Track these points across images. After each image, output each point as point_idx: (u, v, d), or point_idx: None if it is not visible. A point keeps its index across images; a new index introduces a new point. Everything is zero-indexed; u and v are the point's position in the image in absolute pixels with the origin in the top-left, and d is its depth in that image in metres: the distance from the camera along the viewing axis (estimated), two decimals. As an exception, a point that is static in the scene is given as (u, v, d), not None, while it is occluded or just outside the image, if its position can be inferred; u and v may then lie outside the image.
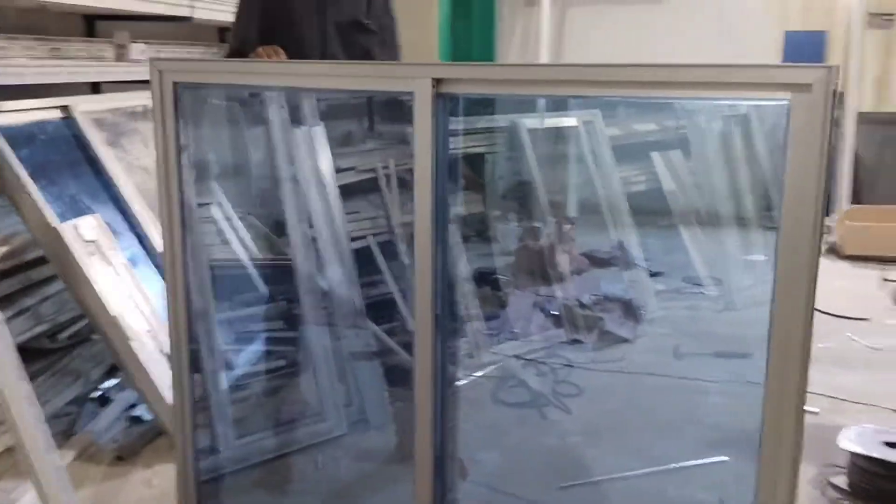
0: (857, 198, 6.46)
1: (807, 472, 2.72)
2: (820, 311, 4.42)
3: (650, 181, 5.05)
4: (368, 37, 3.08)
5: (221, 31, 5.04)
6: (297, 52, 2.86)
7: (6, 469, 2.52)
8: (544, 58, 6.95)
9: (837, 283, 4.86)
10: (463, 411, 3.19)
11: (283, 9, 2.97)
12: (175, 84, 2.00)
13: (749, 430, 3.00)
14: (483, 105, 4.04)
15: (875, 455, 2.49)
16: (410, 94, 1.68)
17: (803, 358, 1.47)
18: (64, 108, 3.18)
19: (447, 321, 1.87)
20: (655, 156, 4.99)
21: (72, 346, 3.15)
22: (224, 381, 2.82)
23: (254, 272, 3.20)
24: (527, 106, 4.29)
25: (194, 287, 2.75)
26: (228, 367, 2.90)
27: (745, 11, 7.04)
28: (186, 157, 2.11)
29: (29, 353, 3.03)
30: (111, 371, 3.16)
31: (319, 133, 3.06)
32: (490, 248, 4.97)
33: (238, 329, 3.13)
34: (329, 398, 2.92)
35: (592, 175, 4.57)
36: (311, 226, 2.98)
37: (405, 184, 3.82)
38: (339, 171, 3.51)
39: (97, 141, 3.23)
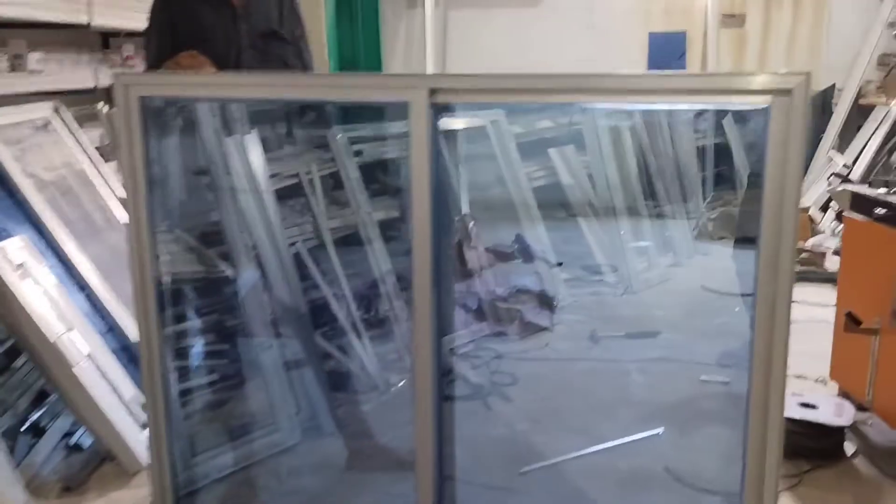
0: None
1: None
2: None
3: (549, 176, 5.27)
4: (283, 46, 3.07)
5: (105, 37, 4.81)
6: (214, 57, 2.81)
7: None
8: (430, 59, 7.10)
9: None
10: (404, 414, 3.26)
11: (191, 23, 2.91)
12: (141, 98, 1.95)
13: (672, 403, 3.30)
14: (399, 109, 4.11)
15: (795, 416, 2.77)
16: (405, 103, 1.73)
17: (784, 351, 1.63)
18: (-34, 123, 2.98)
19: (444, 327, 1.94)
20: (552, 151, 5.23)
21: (-8, 376, 2.96)
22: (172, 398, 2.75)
23: (188, 287, 3.12)
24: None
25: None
26: (176, 383, 2.82)
27: (612, 14, 7.49)
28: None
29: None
30: (39, 397, 2.99)
31: (253, 140, 3.03)
32: (403, 249, 5.03)
33: (178, 345, 3.05)
34: (280, 408, 2.91)
35: (503, 172, 4.73)
36: (250, 234, 2.95)
37: (328, 188, 3.83)
38: (263, 178, 3.48)
39: (6, 157, 3.05)
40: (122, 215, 3.58)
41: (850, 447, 2.81)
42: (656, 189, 5.79)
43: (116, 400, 2.72)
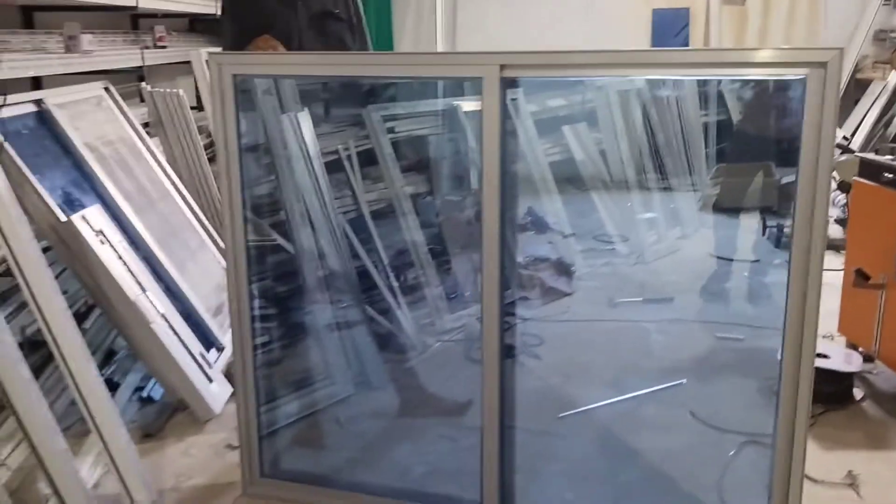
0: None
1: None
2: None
3: (563, 152, 5.51)
4: (339, 25, 3.29)
5: (134, 19, 4.98)
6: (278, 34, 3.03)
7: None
8: (440, 38, 7.30)
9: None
10: (443, 372, 3.51)
11: (257, 9, 3.13)
12: (234, 76, 2.17)
13: (692, 358, 3.56)
14: (428, 89, 4.33)
15: (808, 364, 3.02)
16: (478, 78, 1.96)
17: (816, 307, 1.87)
18: (37, 101, 3.18)
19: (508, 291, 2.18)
20: (566, 129, 5.46)
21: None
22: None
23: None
24: (462, 90, 4.61)
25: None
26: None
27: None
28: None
29: (30, 347, 3.05)
30: (108, 356, 3.23)
31: (305, 117, 3.25)
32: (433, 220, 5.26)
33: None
34: (334, 363, 3.15)
35: (522, 148, 4.96)
36: (305, 204, 3.17)
37: (365, 163, 4.05)
38: (305, 153, 3.70)
39: (72, 133, 3.25)
40: (169, 187, 3.81)
41: (858, 392, 3.08)
42: (664, 163, 6.04)
43: (188, 354, 2.95)
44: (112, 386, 3.10)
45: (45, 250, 2.95)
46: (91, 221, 2.86)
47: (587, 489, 2.57)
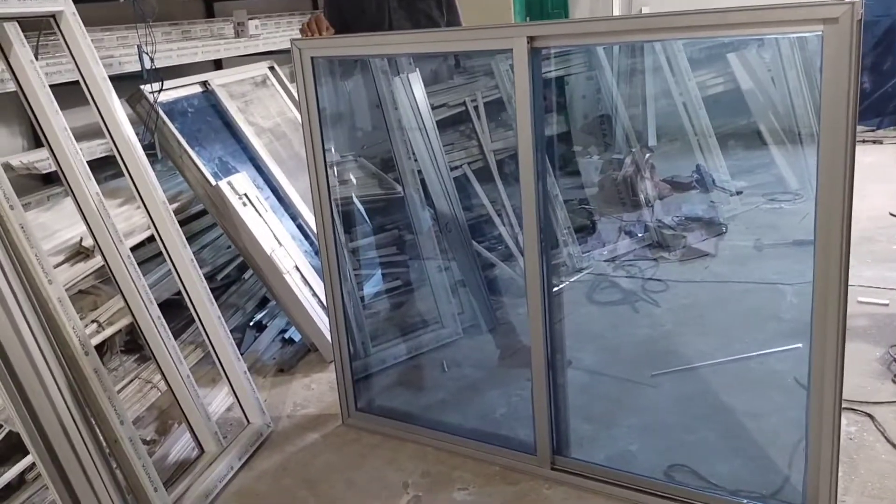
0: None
1: (875, 351, 3.07)
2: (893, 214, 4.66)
3: (728, 82, 5.23)
4: (427, 2, 3.45)
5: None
6: (362, 26, 3.26)
7: (198, 380, 3.12)
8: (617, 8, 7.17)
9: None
10: (560, 313, 3.65)
11: None
12: (312, 59, 2.48)
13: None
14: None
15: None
16: (508, 50, 2.09)
17: (845, 250, 1.82)
18: (203, 83, 3.72)
19: (548, 236, 2.30)
20: (732, 57, 5.18)
21: (227, 285, 3.75)
22: (358, 299, 3.36)
23: (370, 207, 3.71)
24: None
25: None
26: (359, 287, 3.43)
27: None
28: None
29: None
30: (262, 303, 3.75)
31: (416, 78, 3.50)
32: (577, 181, 5.34)
33: (362, 256, 3.66)
34: (445, 308, 3.42)
35: (669, 84, 4.81)
36: (416, 161, 3.43)
37: (492, 113, 4.21)
38: (432, 108, 3.96)
39: (233, 109, 3.77)
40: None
41: None
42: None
43: (318, 303, 3.37)
44: (261, 328, 3.63)
45: (202, 213, 3.52)
46: (236, 186, 3.34)
47: (654, 442, 2.63)
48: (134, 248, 2.98)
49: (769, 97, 5.33)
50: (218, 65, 4.40)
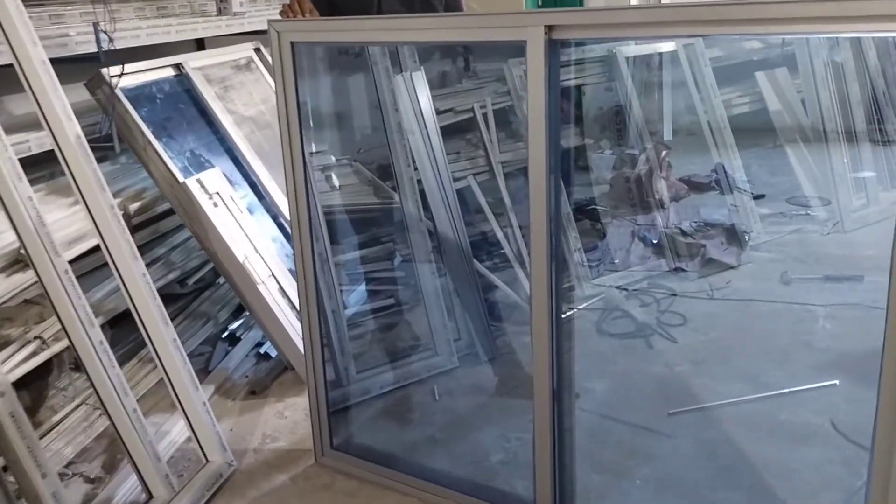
0: None
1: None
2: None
3: (754, 102, 4.89)
4: None
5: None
6: (351, 9, 2.87)
7: (154, 405, 2.77)
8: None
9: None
10: (566, 344, 3.29)
11: None
12: (293, 44, 2.10)
13: (860, 353, 3.02)
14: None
15: None
16: (522, 42, 1.71)
17: None
18: (176, 65, 3.34)
19: (559, 256, 1.93)
20: (760, 75, 4.83)
21: (200, 290, 3.39)
22: (343, 319, 3.00)
23: (362, 216, 3.33)
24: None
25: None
26: (345, 306, 3.07)
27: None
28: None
29: (163, 298, 3.29)
30: (237, 312, 3.39)
31: (420, 78, 3.12)
32: (586, 178, 4.97)
33: (351, 271, 3.29)
34: (440, 333, 3.06)
35: (694, 99, 4.46)
36: (415, 168, 3.06)
37: (502, 122, 3.85)
38: (437, 113, 3.58)
39: (209, 96, 3.38)
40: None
41: None
42: (884, 113, 5.16)
43: (297, 316, 3.01)
44: (234, 340, 3.27)
45: (168, 213, 3.15)
46: (206, 184, 2.97)
47: (675, 500, 2.28)
48: (87, 254, 2.62)
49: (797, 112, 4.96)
50: (201, 46, 4.02)
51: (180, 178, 2.92)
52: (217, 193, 3.00)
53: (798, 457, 2.42)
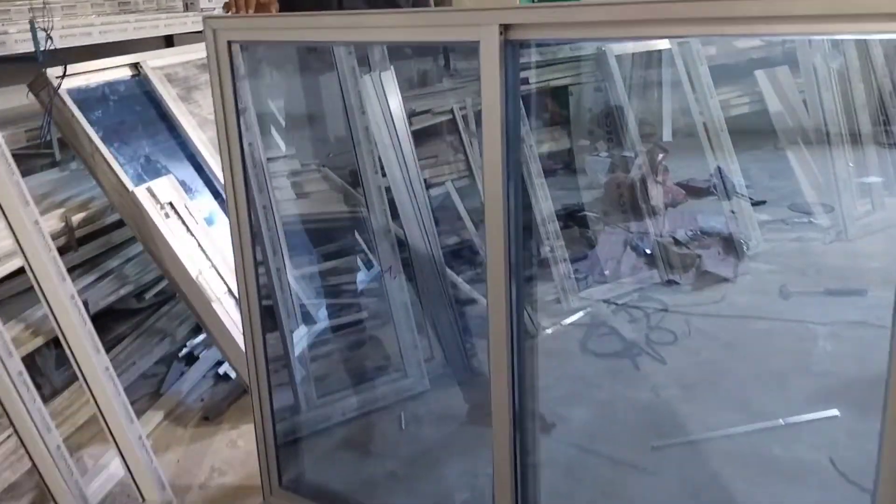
0: None
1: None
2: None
3: (754, 102, 4.66)
4: None
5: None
6: (308, 5, 2.67)
7: (94, 435, 2.56)
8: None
9: None
10: (549, 363, 3.07)
11: None
12: (230, 43, 1.88)
13: (863, 379, 2.80)
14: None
15: None
16: (475, 43, 1.50)
17: None
18: (134, 65, 3.12)
19: (522, 267, 1.70)
20: (760, 74, 4.59)
21: (157, 305, 3.18)
22: (303, 338, 2.79)
23: (329, 226, 3.12)
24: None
25: (267, 243, 2.71)
26: (306, 323, 2.86)
27: None
28: (250, 114, 2.01)
29: (116, 314, 3.09)
30: (197, 329, 3.18)
31: (389, 78, 2.90)
32: (576, 182, 4.74)
33: (315, 284, 3.08)
34: (410, 353, 2.84)
35: (689, 100, 4.23)
36: (384, 174, 2.85)
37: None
38: (413, 114, 3.36)
39: (169, 98, 3.17)
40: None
41: None
42: (890, 114, 4.92)
43: (253, 336, 2.80)
44: (192, 359, 3.06)
45: (119, 224, 2.94)
46: (157, 193, 2.76)
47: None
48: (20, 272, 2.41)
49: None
50: (170, 44, 3.81)
51: (130, 187, 2.71)
52: (169, 203, 2.78)
53: (792, 499, 2.20)
